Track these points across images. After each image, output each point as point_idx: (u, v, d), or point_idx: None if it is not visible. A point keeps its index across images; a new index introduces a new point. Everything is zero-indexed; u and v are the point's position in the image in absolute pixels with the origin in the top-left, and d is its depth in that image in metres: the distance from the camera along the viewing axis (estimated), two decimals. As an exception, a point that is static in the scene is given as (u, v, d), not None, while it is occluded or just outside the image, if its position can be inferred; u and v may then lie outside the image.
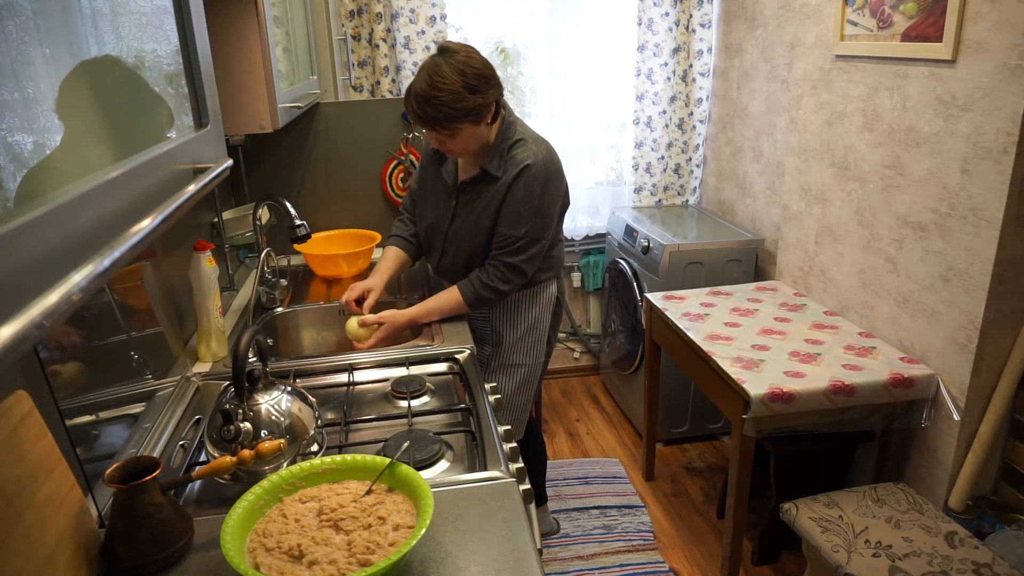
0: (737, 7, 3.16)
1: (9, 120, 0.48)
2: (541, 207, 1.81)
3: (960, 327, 1.96)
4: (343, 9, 2.99)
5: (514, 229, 1.82)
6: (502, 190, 1.79)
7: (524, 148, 1.80)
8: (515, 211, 1.80)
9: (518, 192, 1.78)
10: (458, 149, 1.76)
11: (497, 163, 1.80)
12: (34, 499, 0.89)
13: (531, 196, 1.79)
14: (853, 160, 2.35)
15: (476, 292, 1.87)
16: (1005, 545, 1.82)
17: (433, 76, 1.64)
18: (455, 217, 1.90)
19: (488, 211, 1.83)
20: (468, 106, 1.66)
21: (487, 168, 1.80)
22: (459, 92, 1.65)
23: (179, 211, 0.72)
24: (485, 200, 1.83)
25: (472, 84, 1.66)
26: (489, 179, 1.82)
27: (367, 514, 1.02)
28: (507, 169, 1.79)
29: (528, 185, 1.78)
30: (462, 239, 1.89)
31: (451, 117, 1.66)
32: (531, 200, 1.79)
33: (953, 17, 1.87)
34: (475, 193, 1.86)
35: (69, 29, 0.59)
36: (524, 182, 1.78)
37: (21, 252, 0.46)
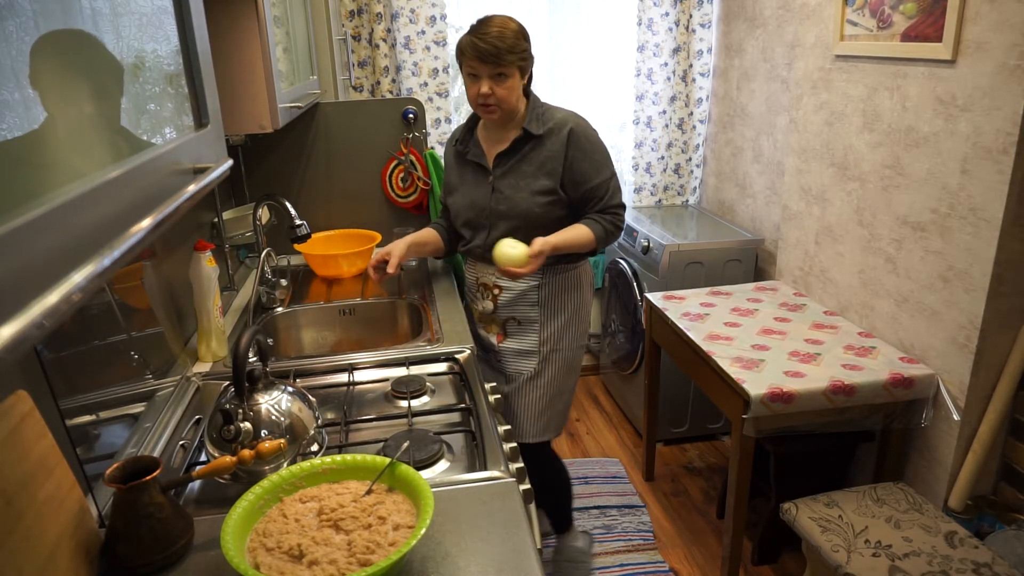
0: (737, 7, 3.16)
1: (9, 120, 0.48)
2: (604, 148, 1.92)
3: (960, 327, 1.96)
4: (343, 9, 2.99)
5: (600, 176, 1.88)
6: (556, 151, 1.85)
7: (556, 111, 1.91)
8: (591, 161, 1.87)
9: (582, 144, 1.86)
10: (501, 96, 1.79)
11: (537, 124, 1.87)
12: (34, 499, 0.89)
13: (594, 142, 1.88)
14: (853, 160, 2.35)
15: (604, 229, 1.90)
16: (1005, 545, 1.82)
17: (496, 21, 1.78)
18: (495, 190, 1.91)
19: (542, 171, 1.87)
20: (523, 49, 1.79)
21: (528, 128, 1.86)
22: (518, 32, 1.79)
23: (179, 211, 0.72)
24: (533, 162, 1.87)
25: (526, 34, 1.82)
26: (532, 141, 1.87)
27: (367, 514, 1.02)
28: (550, 129, 1.86)
29: (586, 135, 1.87)
30: (514, 205, 1.89)
31: (512, 51, 1.75)
32: (597, 145, 1.89)
33: (953, 17, 1.87)
34: (518, 158, 1.89)
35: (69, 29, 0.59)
36: (582, 134, 1.86)
37: (21, 252, 0.46)
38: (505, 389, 2.02)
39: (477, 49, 1.74)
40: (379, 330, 2.19)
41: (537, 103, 1.91)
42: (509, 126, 1.89)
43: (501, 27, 1.77)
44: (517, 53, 1.77)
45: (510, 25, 1.79)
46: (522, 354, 1.99)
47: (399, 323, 2.19)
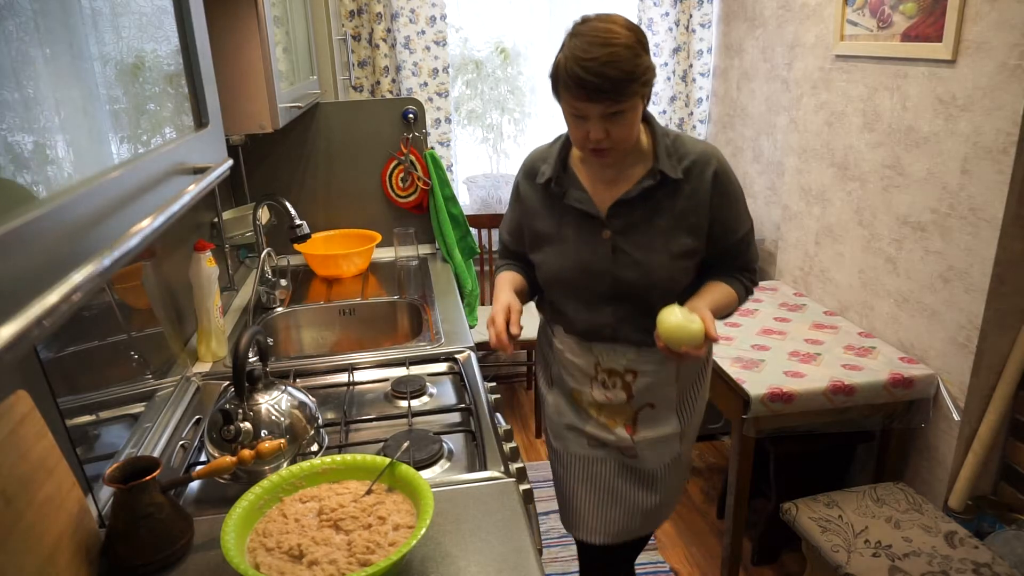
0: (737, 7, 3.16)
1: (9, 120, 0.48)
2: (742, 189, 1.49)
3: (960, 327, 1.96)
4: (343, 9, 2.99)
5: (743, 227, 1.46)
6: (700, 199, 1.38)
7: (688, 141, 1.41)
8: (736, 209, 1.43)
9: (728, 188, 1.40)
10: (620, 137, 1.29)
11: (671, 162, 1.37)
12: (34, 499, 0.89)
13: (736, 183, 1.44)
14: (853, 160, 2.35)
15: (746, 291, 1.52)
16: (1005, 545, 1.82)
17: (601, 32, 1.23)
18: (617, 250, 1.40)
19: (682, 226, 1.39)
20: (643, 67, 1.25)
21: (663, 169, 1.35)
22: (634, 47, 1.23)
23: (179, 211, 0.72)
24: (669, 214, 1.39)
25: (643, 40, 1.27)
26: (667, 185, 1.37)
27: (367, 514, 1.02)
28: (688, 169, 1.37)
29: (730, 175, 1.41)
30: (647, 272, 1.40)
31: (629, 79, 1.22)
32: (738, 186, 1.45)
33: (953, 17, 1.87)
34: (647, 209, 1.39)
35: (69, 29, 0.59)
36: (727, 174, 1.40)
37: (21, 252, 0.46)
38: (630, 488, 1.56)
39: (584, 84, 1.21)
40: (379, 330, 2.19)
41: (663, 130, 1.41)
42: (626, 162, 1.40)
43: (610, 42, 1.21)
44: (639, 80, 1.24)
45: (619, 37, 1.23)
46: (662, 441, 1.54)
47: (399, 323, 2.19)
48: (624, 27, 1.25)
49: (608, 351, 1.48)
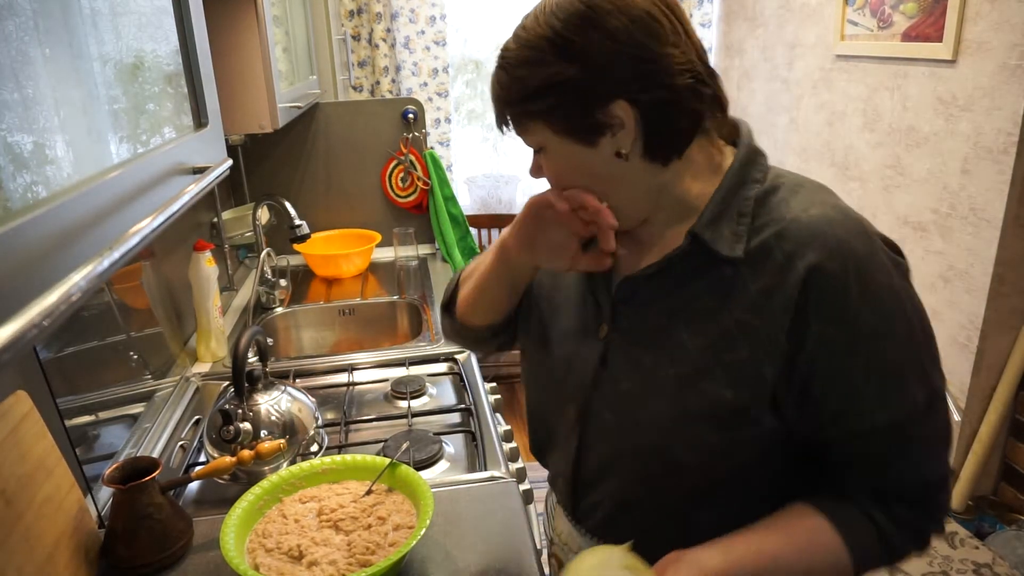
0: (737, 7, 3.16)
1: (9, 120, 0.48)
2: (917, 323, 0.74)
3: (960, 327, 1.95)
4: (343, 9, 2.99)
5: (885, 402, 0.73)
6: (777, 305, 0.72)
7: (801, 196, 0.76)
8: (867, 360, 0.72)
9: (848, 305, 0.70)
10: (557, 183, 0.81)
11: (730, 228, 0.76)
12: (34, 499, 0.89)
13: (879, 305, 0.71)
14: (853, 160, 2.35)
15: (889, 549, 0.77)
16: (1005, 545, 1.82)
17: (527, 16, 0.79)
18: (606, 362, 0.83)
19: (724, 352, 0.75)
20: (546, 82, 0.74)
21: (700, 235, 0.76)
22: (545, 47, 0.74)
23: (179, 211, 0.72)
24: (707, 322, 0.76)
25: (579, 37, 0.72)
26: (712, 267, 0.76)
27: (367, 514, 1.02)
28: (766, 245, 0.74)
29: (864, 281, 0.70)
30: (636, 421, 0.81)
31: (514, 98, 0.77)
32: (883, 317, 0.71)
33: (953, 17, 1.87)
34: (670, 304, 0.79)
35: (69, 29, 0.59)
36: (849, 275, 0.70)
37: (20, 252, 0.46)
38: None
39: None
40: (379, 330, 2.19)
41: (752, 173, 0.78)
42: (662, 216, 0.81)
43: (516, 36, 0.78)
44: (533, 100, 0.75)
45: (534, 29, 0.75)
46: None
47: (399, 323, 2.19)
48: (556, 9, 0.73)
49: (561, 524, 0.96)
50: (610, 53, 0.71)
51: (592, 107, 0.73)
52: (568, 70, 0.73)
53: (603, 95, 0.72)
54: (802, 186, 0.78)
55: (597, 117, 0.73)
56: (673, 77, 0.72)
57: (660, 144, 0.75)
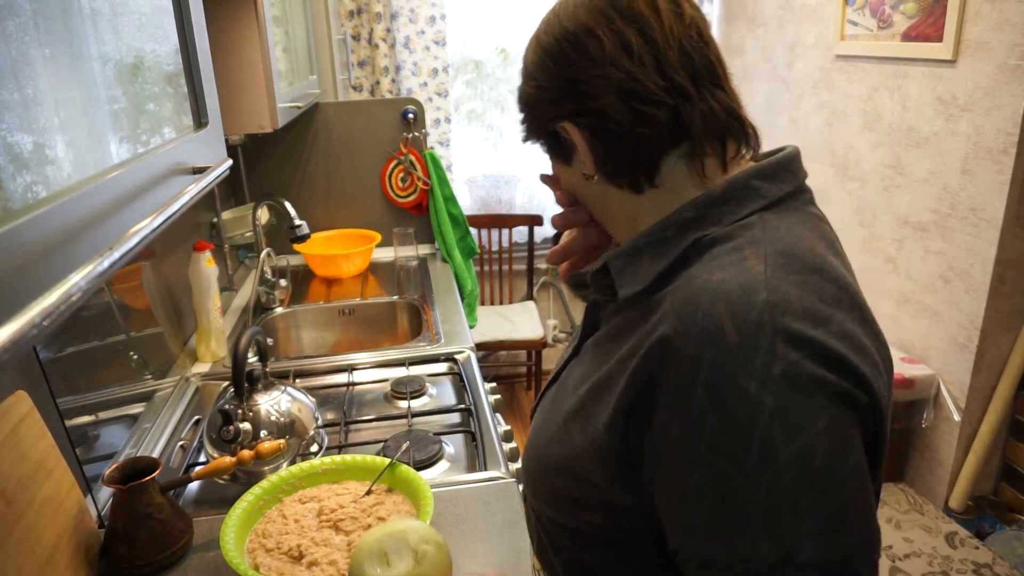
0: (737, 7, 3.16)
1: (9, 120, 0.48)
2: (786, 459, 0.54)
3: (960, 327, 1.95)
4: (343, 9, 2.99)
5: (733, 537, 0.56)
6: (634, 359, 0.62)
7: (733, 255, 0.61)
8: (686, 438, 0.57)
9: (694, 393, 0.56)
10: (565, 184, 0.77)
11: (651, 262, 0.66)
12: (34, 499, 0.89)
13: (740, 413, 0.54)
14: (854, 160, 2.35)
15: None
16: (1005, 545, 1.82)
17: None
18: (556, 379, 0.82)
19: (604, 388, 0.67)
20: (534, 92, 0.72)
21: (610, 262, 0.69)
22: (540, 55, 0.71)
23: (179, 211, 0.72)
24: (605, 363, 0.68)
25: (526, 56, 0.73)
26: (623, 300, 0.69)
27: (367, 515, 1.02)
28: (665, 295, 0.63)
29: (722, 373, 0.55)
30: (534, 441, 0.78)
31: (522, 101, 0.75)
32: (746, 433, 0.54)
33: (953, 17, 1.87)
34: (604, 336, 0.73)
35: (69, 29, 0.59)
36: (711, 360, 0.55)
37: (20, 252, 0.46)
38: None
39: None
40: (379, 330, 2.19)
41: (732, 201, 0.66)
42: None
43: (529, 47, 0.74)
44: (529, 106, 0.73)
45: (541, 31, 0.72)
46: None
47: (399, 323, 2.19)
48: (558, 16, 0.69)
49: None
50: (548, 73, 0.69)
51: (544, 127, 0.72)
52: (527, 88, 0.73)
53: (549, 115, 0.70)
54: (754, 247, 0.60)
55: (554, 138, 0.72)
56: (599, 100, 0.66)
57: (616, 170, 0.69)
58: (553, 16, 0.70)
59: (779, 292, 0.56)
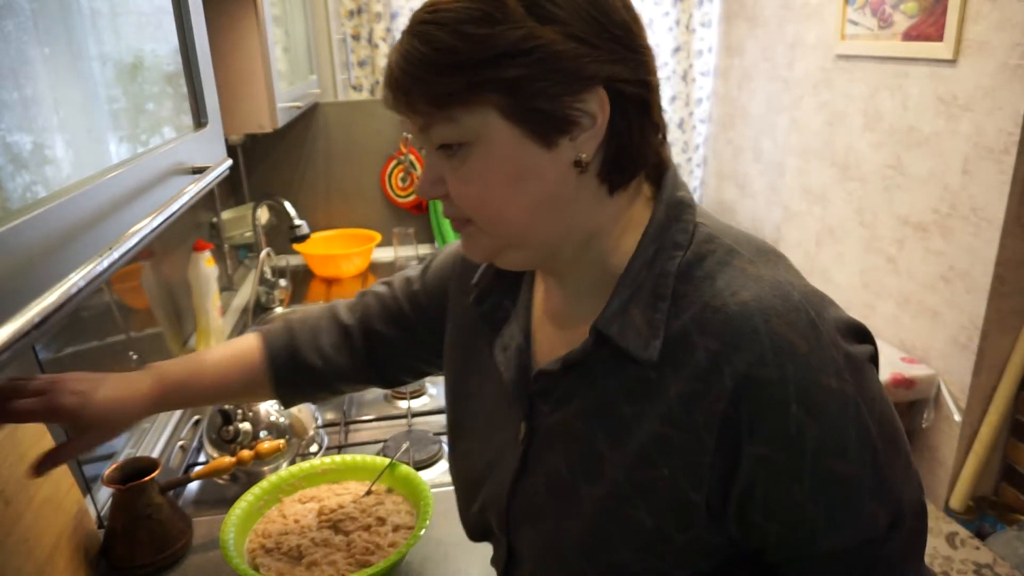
0: (737, 7, 3.16)
1: (8, 120, 0.47)
2: (875, 430, 0.57)
3: (961, 327, 1.95)
4: (343, 8, 2.99)
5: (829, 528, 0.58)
6: (704, 411, 0.57)
7: (726, 269, 0.60)
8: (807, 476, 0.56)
9: (789, 413, 0.55)
10: (467, 203, 0.61)
11: (645, 312, 0.60)
12: (33, 500, 0.89)
13: (834, 410, 0.56)
14: (854, 160, 2.35)
15: None
16: (1006, 546, 1.82)
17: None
18: (526, 468, 0.70)
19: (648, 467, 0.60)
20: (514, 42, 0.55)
21: (605, 331, 0.61)
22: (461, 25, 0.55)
23: (179, 211, 0.71)
24: (627, 431, 0.62)
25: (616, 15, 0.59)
26: (623, 366, 0.62)
27: (367, 515, 1.02)
28: (683, 339, 0.58)
29: (810, 382, 0.55)
30: (554, 540, 0.67)
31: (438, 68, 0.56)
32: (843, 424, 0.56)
33: (954, 17, 1.87)
34: (589, 404, 0.65)
35: (68, 29, 0.59)
36: (795, 377, 0.55)
37: (20, 252, 0.46)
38: None
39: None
40: (379, 330, 2.19)
41: (671, 238, 0.62)
42: (586, 277, 0.66)
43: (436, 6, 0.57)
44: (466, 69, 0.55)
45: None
46: None
47: (399, 323, 2.19)
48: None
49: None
50: (594, 23, 0.56)
51: (569, 89, 0.56)
52: (544, 33, 0.55)
53: (585, 75, 0.56)
54: (734, 253, 0.60)
55: (568, 106, 0.57)
56: (652, 75, 0.61)
57: (625, 159, 0.60)
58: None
59: (796, 286, 0.58)
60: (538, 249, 0.64)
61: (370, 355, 0.90)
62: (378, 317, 0.90)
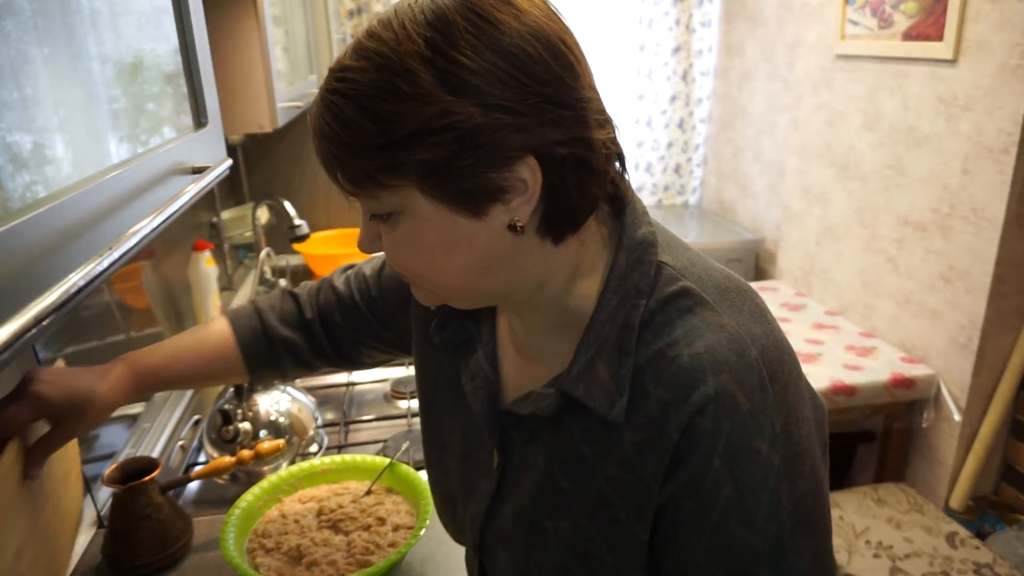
0: (738, 6, 3.16)
1: (8, 120, 0.47)
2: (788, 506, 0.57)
3: (961, 327, 1.95)
4: (343, 8, 2.99)
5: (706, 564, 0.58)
6: (654, 457, 0.58)
7: (687, 317, 0.58)
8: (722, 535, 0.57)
9: (711, 468, 0.56)
10: (400, 265, 0.61)
11: (610, 367, 0.59)
12: (53, 476, 0.89)
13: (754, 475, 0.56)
14: (854, 160, 2.35)
15: None
16: (1006, 545, 1.82)
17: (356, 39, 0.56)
18: (500, 494, 0.71)
19: (603, 506, 0.62)
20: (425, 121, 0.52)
21: (571, 392, 0.60)
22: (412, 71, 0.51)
23: (179, 211, 0.71)
24: (587, 473, 0.63)
25: (457, 60, 0.51)
26: (585, 413, 0.61)
27: (366, 515, 1.02)
28: (647, 382, 0.58)
29: (740, 442, 0.55)
30: (528, 570, 0.69)
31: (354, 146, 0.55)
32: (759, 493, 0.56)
33: (954, 17, 1.87)
34: (552, 444, 0.65)
35: (68, 29, 0.59)
36: (727, 434, 0.55)
37: (20, 252, 0.46)
38: None
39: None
40: (379, 330, 2.19)
41: (633, 282, 0.60)
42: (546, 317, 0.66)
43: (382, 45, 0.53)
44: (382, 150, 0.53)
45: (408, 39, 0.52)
46: None
47: (399, 323, 2.19)
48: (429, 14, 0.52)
49: None
50: (516, 86, 0.52)
51: (492, 164, 0.53)
52: (460, 108, 0.51)
53: (511, 148, 0.52)
54: (696, 298, 0.59)
55: (494, 179, 0.53)
56: (592, 129, 0.55)
57: (565, 215, 0.58)
58: (507, 13, 0.53)
59: (755, 339, 0.57)
60: (485, 299, 0.64)
61: (333, 343, 0.92)
62: (337, 312, 0.91)
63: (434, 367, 0.80)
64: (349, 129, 0.54)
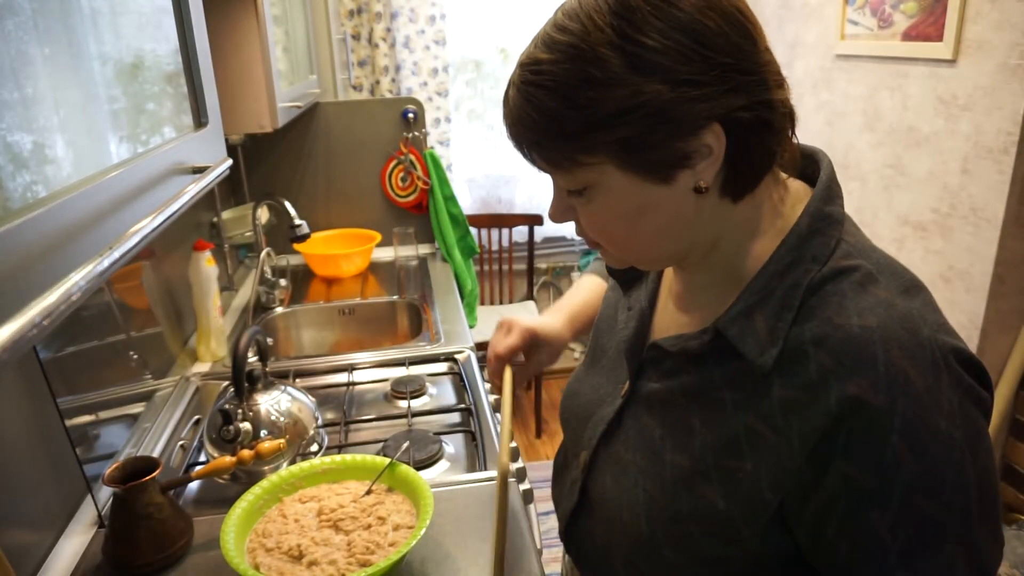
0: (737, 7, 3.16)
1: (9, 120, 0.47)
2: (974, 479, 0.57)
3: (960, 327, 1.95)
4: (343, 8, 2.99)
5: (927, 558, 0.57)
6: (804, 421, 0.58)
7: (862, 293, 0.59)
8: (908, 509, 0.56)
9: (890, 445, 0.55)
10: (598, 232, 0.66)
11: (768, 319, 0.61)
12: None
13: (938, 451, 0.56)
14: (854, 159, 2.35)
15: None
16: (1006, 545, 1.82)
17: (544, 30, 0.62)
18: (620, 422, 0.75)
19: (731, 454, 0.63)
20: (619, 102, 0.56)
21: (726, 331, 0.63)
22: (602, 57, 0.56)
23: (179, 211, 0.72)
24: (722, 416, 0.64)
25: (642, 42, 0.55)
26: (733, 359, 0.64)
27: (367, 514, 1.02)
28: (800, 352, 0.59)
29: (920, 420, 0.55)
30: (630, 498, 0.71)
31: (552, 132, 0.60)
32: (943, 467, 0.56)
33: (953, 17, 1.87)
34: (692, 381, 0.68)
35: (69, 29, 0.59)
36: (903, 412, 0.55)
37: (20, 252, 0.46)
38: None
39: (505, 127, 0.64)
40: (379, 330, 2.19)
41: (807, 246, 0.62)
42: (716, 270, 0.68)
43: (535, 59, 0.60)
44: (580, 132, 0.58)
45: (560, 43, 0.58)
46: None
47: (399, 323, 2.19)
48: (611, 2, 0.56)
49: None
50: (699, 59, 0.55)
51: (681, 135, 0.57)
52: (649, 87, 0.55)
53: (697, 118, 0.56)
54: (872, 278, 0.60)
55: (683, 146, 0.57)
56: (772, 90, 0.58)
57: (745, 173, 0.61)
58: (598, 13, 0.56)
59: (928, 322, 0.58)
60: (666, 261, 0.70)
61: None
62: None
63: (610, 302, 0.89)
64: (549, 118, 0.58)
